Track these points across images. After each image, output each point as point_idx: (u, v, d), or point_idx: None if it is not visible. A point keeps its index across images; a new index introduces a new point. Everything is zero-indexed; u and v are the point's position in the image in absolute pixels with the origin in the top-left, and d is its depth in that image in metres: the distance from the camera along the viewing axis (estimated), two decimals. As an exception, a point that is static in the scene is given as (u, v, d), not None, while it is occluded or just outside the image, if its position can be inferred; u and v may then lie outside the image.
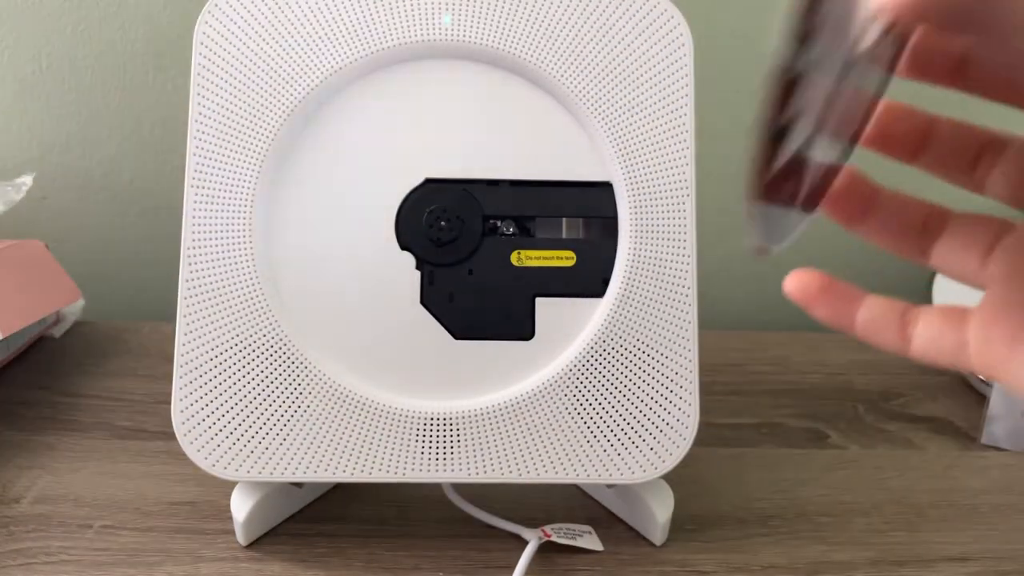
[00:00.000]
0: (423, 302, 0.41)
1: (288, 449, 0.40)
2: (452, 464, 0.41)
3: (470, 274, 0.42)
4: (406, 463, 0.41)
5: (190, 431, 0.40)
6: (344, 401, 0.40)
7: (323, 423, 0.40)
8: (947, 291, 0.59)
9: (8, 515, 0.45)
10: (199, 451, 0.40)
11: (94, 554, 0.43)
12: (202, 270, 0.40)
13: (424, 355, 0.41)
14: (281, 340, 0.40)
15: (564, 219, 0.42)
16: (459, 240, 0.41)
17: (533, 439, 0.41)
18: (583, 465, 0.41)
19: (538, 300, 0.41)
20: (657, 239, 0.41)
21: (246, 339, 0.40)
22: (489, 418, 0.41)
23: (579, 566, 0.43)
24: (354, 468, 0.41)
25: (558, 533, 0.43)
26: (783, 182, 0.22)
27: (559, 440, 0.41)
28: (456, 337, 0.41)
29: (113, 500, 0.46)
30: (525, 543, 0.42)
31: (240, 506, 0.43)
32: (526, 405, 0.41)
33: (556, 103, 0.42)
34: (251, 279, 0.40)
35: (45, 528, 0.44)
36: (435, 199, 0.41)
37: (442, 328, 0.41)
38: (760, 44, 0.62)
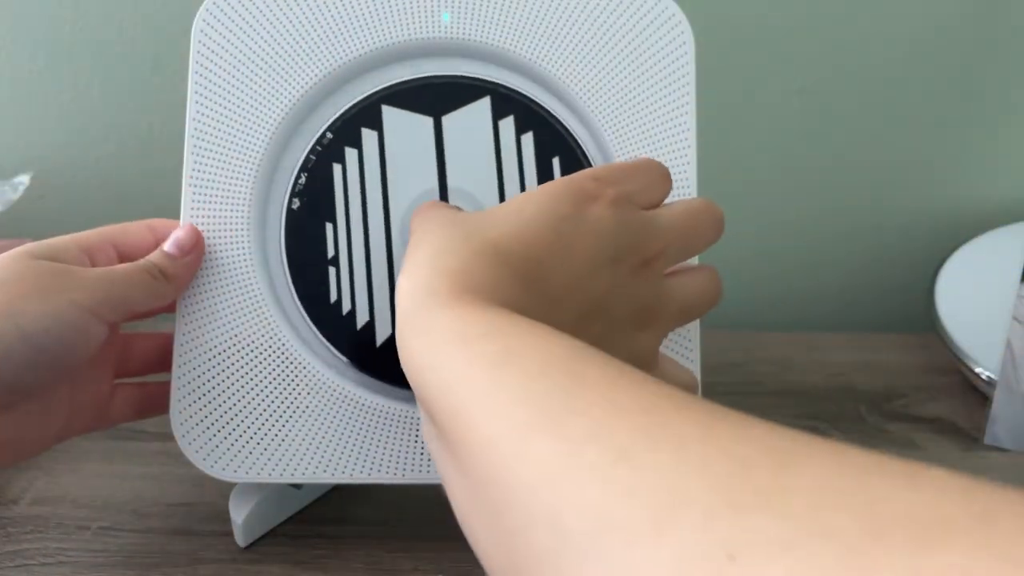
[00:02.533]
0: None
1: (287, 450, 0.40)
2: (452, 465, 0.40)
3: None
4: (406, 464, 0.40)
5: (189, 432, 0.40)
6: (344, 401, 0.40)
7: (322, 424, 0.40)
8: (950, 291, 0.59)
9: (5, 516, 0.45)
10: (198, 452, 0.40)
11: (91, 555, 0.43)
12: (200, 270, 0.40)
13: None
14: (280, 340, 0.40)
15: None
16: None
17: (533, 440, 0.41)
18: (584, 466, 0.41)
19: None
20: (658, 239, 0.41)
21: (245, 339, 0.40)
22: (489, 419, 0.41)
23: (580, 568, 0.43)
24: (353, 469, 0.40)
25: (558, 534, 0.43)
26: None
27: (560, 441, 0.41)
28: (456, 337, 0.41)
29: (111, 501, 0.46)
30: (525, 545, 0.42)
31: (239, 507, 0.42)
32: (526, 406, 0.40)
33: (557, 101, 0.42)
34: (249, 279, 0.40)
35: (43, 529, 0.44)
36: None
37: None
38: (762, 43, 0.62)
